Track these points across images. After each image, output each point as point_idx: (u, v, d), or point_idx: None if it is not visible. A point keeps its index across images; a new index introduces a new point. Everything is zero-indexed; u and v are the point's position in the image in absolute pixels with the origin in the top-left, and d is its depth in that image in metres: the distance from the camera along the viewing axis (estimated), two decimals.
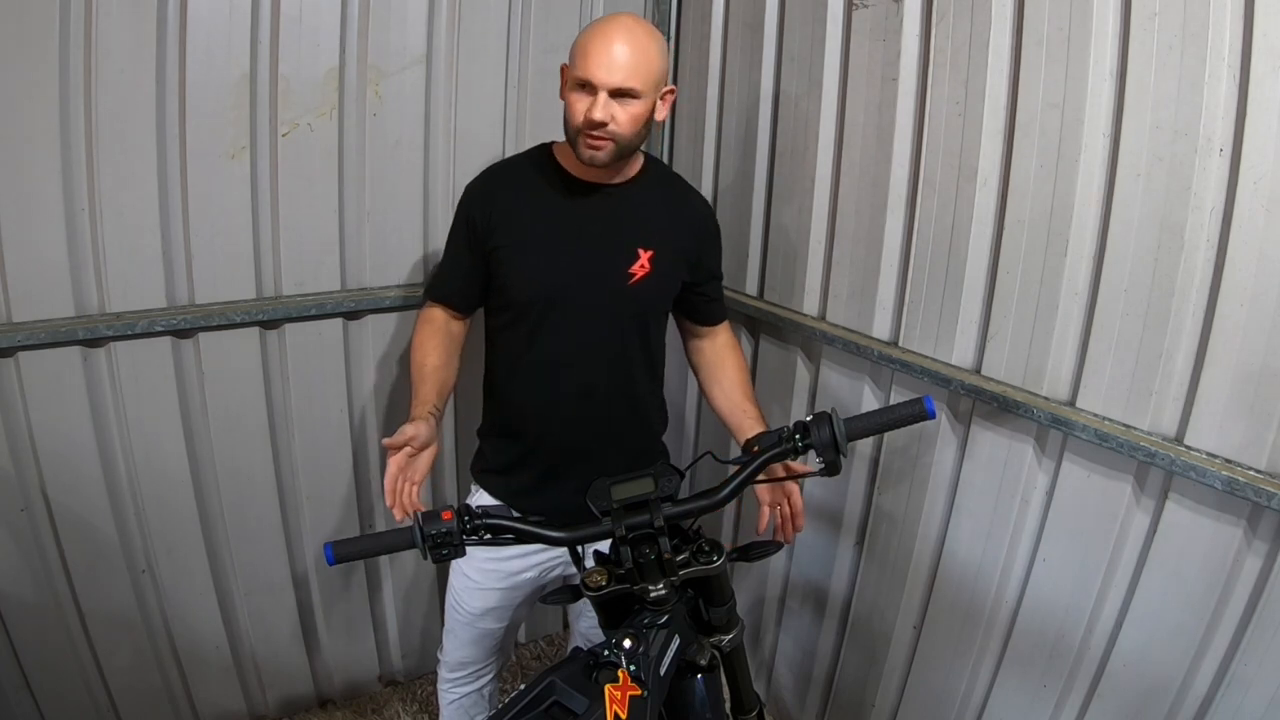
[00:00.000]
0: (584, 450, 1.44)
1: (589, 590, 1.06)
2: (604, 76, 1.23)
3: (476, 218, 1.40)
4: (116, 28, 1.43)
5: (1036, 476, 1.37)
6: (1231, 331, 1.09)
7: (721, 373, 1.56)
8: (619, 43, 1.23)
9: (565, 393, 1.42)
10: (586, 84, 1.24)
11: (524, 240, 1.38)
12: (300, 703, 2.05)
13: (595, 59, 1.23)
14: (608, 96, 1.24)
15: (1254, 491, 1.05)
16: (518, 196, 1.41)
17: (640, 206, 1.42)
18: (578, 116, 1.27)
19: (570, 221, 1.39)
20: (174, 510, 1.71)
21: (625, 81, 1.24)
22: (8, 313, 1.46)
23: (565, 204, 1.39)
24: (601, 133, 1.26)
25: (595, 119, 1.24)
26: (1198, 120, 1.08)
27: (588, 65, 1.24)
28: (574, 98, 1.27)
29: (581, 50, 1.26)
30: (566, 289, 1.38)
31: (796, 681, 1.98)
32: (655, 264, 1.40)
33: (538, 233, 1.39)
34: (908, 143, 1.49)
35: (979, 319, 1.42)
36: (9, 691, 1.62)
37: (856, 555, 1.74)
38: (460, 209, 1.44)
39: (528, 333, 1.41)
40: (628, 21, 1.26)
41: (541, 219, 1.39)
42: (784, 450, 1.08)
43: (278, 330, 1.73)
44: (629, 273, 1.39)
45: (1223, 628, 1.14)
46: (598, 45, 1.24)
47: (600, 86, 1.23)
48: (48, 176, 1.44)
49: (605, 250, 1.39)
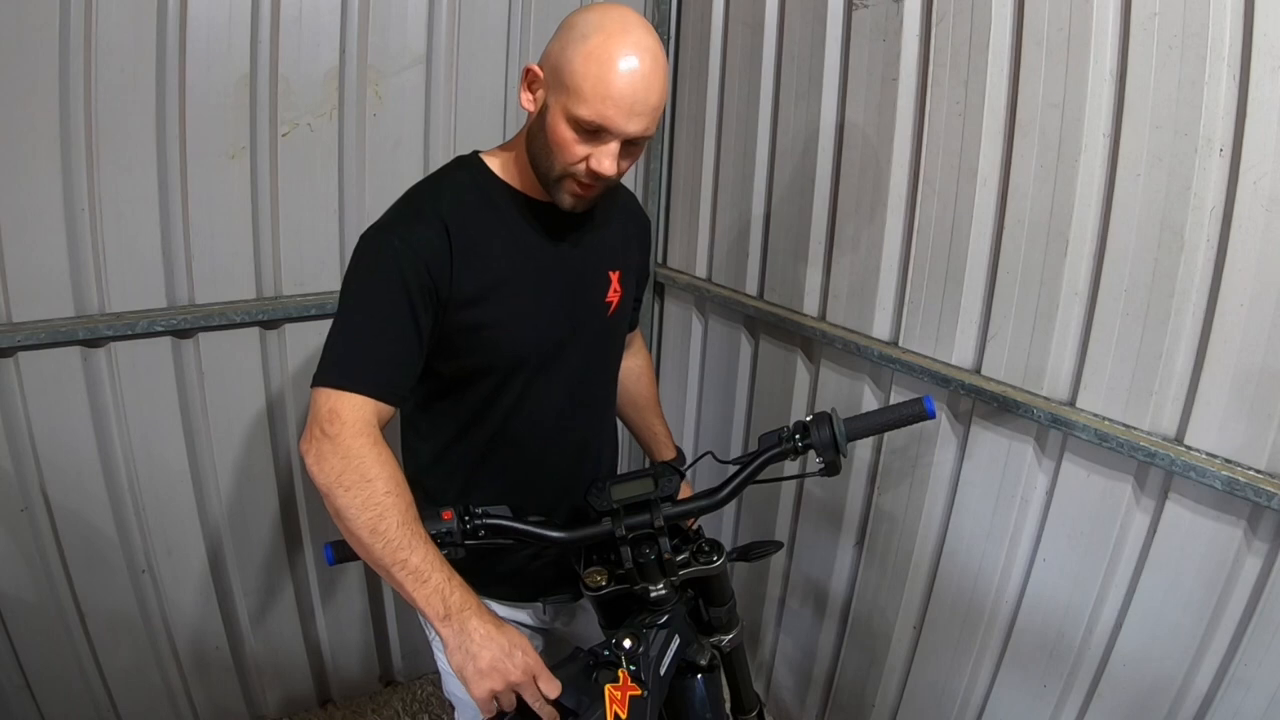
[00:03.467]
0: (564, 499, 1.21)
1: (589, 590, 1.06)
2: (624, 125, 0.95)
3: (428, 267, 1.00)
4: (116, 28, 1.43)
5: (1036, 476, 1.37)
6: (1231, 331, 1.09)
7: (638, 393, 1.46)
8: (647, 81, 0.95)
9: (556, 456, 1.19)
10: (598, 130, 0.96)
11: (500, 289, 1.06)
12: (300, 703, 2.05)
13: (618, 103, 0.94)
14: (621, 144, 0.98)
15: (1254, 491, 1.05)
16: (474, 232, 1.05)
17: (601, 223, 1.18)
18: (574, 162, 0.99)
19: (543, 255, 1.11)
20: (174, 510, 1.71)
21: (647, 130, 0.98)
22: (8, 313, 1.46)
23: (531, 234, 1.10)
24: (599, 184, 1.02)
25: (606, 173, 0.98)
26: (1198, 120, 1.08)
27: (606, 109, 0.94)
28: (570, 137, 0.97)
29: (595, 84, 0.93)
30: (561, 338, 1.13)
31: (796, 681, 1.98)
32: (623, 284, 1.21)
33: (515, 277, 1.08)
34: (908, 143, 1.49)
35: (979, 319, 1.42)
36: (9, 691, 1.62)
37: (856, 555, 1.74)
38: (387, 257, 1.00)
39: (507, 396, 1.12)
40: (648, 42, 0.96)
41: (513, 258, 1.08)
42: (784, 450, 1.08)
43: (278, 330, 1.73)
44: (606, 302, 1.19)
45: (1223, 627, 1.14)
46: (622, 85, 0.93)
47: (618, 137, 0.97)
48: (48, 177, 1.44)
49: (582, 283, 1.16)
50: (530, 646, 0.91)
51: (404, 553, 0.89)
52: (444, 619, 0.88)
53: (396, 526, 0.90)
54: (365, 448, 0.93)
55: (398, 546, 0.89)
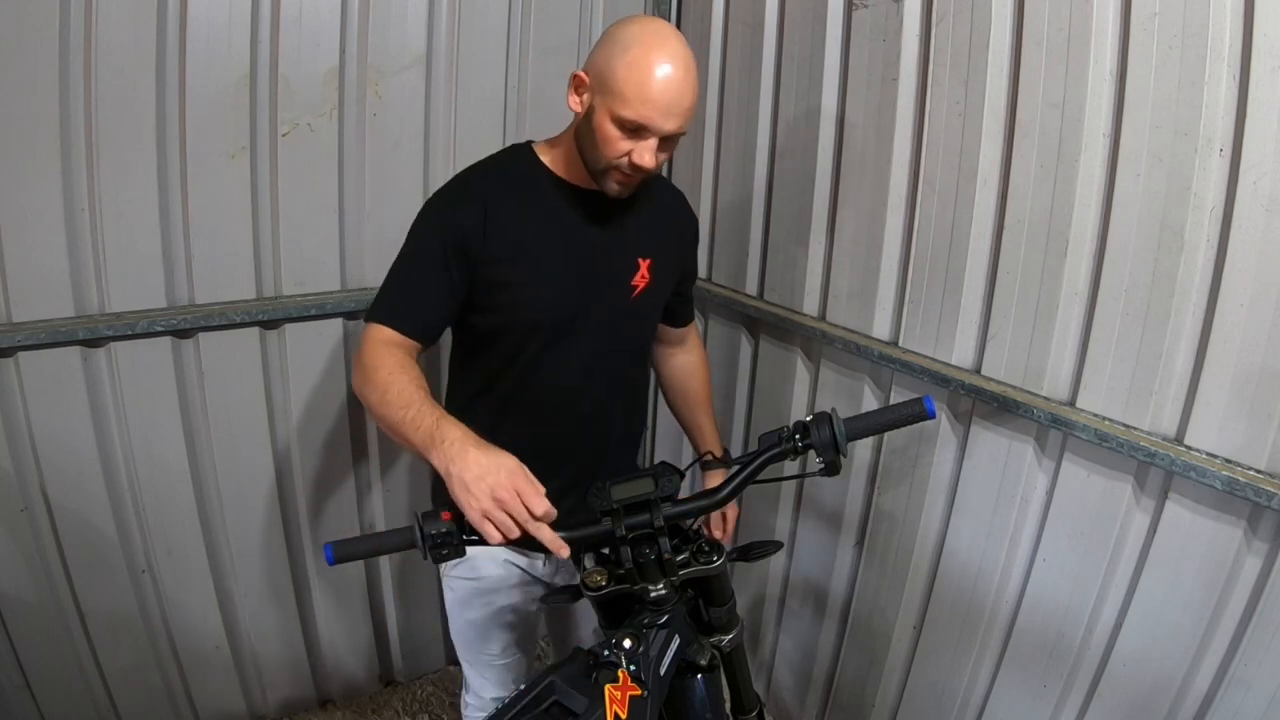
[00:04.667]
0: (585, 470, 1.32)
1: (589, 590, 1.06)
2: (662, 123, 1.10)
3: (463, 229, 1.19)
4: (116, 28, 1.43)
5: (1036, 476, 1.37)
6: (1231, 331, 1.09)
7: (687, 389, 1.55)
8: (681, 86, 1.09)
9: (571, 421, 1.32)
10: (639, 128, 1.10)
11: (526, 254, 1.22)
12: (300, 703, 2.05)
13: (656, 105, 1.08)
14: (659, 139, 1.12)
15: (1254, 491, 1.05)
16: (511, 204, 1.23)
17: (636, 213, 1.31)
18: (618, 156, 1.13)
19: (573, 233, 1.26)
20: (174, 510, 1.71)
21: (682, 127, 1.13)
22: (8, 313, 1.46)
23: (566, 214, 1.25)
24: (641, 173, 1.16)
25: (647, 166, 1.12)
26: (1198, 120, 1.08)
27: (646, 110, 1.08)
28: (615, 134, 1.12)
29: (637, 89, 1.08)
30: (576, 307, 1.26)
31: (796, 681, 1.98)
32: (654, 273, 1.32)
33: (541, 246, 1.23)
34: (908, 143, 1.49)
35: (979, 319, 1.42)
36: (9, 691, 1.62)
37: (856, 555, 1.74)
38: (432, 219, 1.23)
39: (528, 357, 1.27)
40: (676, 46, 1.10)
41: (543, 232, 1.24)
42: (784, 450, 1.08)
43: (278, 330, 1.73)
44: (631, 285, 1.30)
45: (1223, 627, 1.14)
46: (660, 89, 1.08)
47: (656, 134, 1.11)
48: (48, 177, 1.44)
49: (610, 262, 1.29)
50: (521, 467, 0.97)
51: (406, 411, 1.04)
52: (436, 446, 0.98)
53: (398, 393, 1.06)
54: (379, 355, 1.13)
55: (401, 405, 1.04)
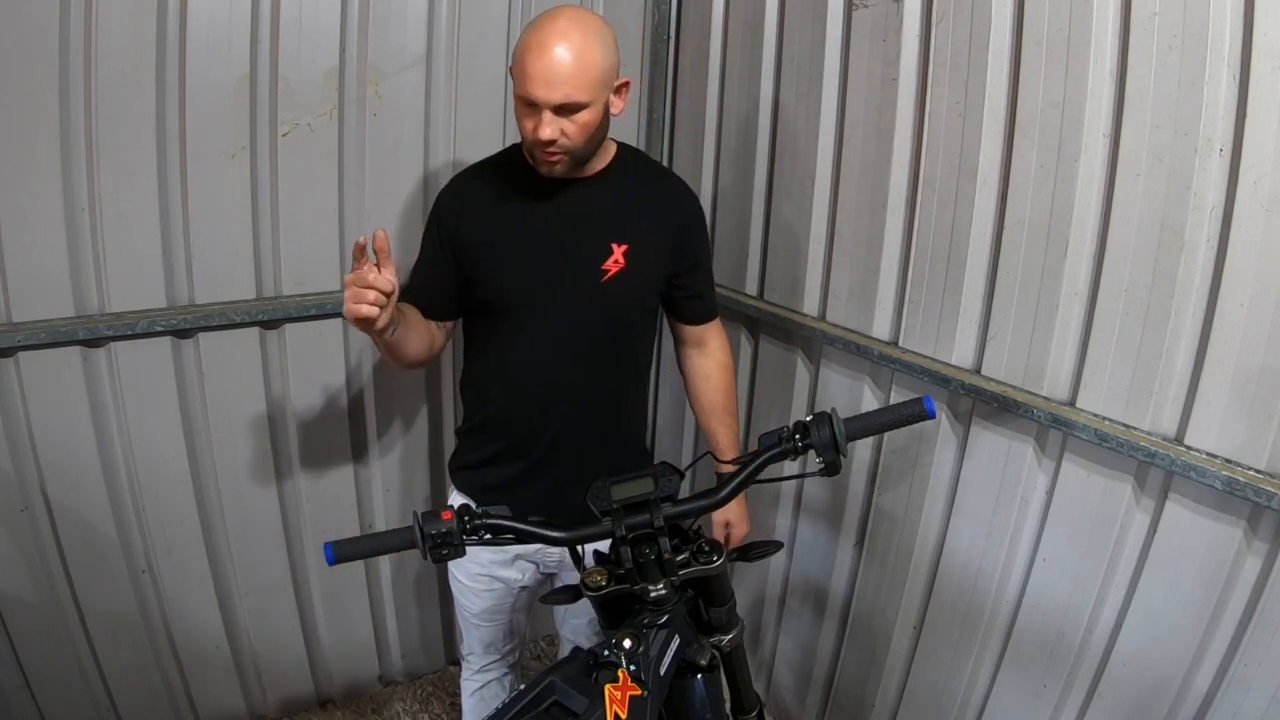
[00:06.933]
0: (559, 449, 1.41)
1: (589, 590, 1.06)
2: (544, 95, 1.17)
3: (446, 217, 1.37)
4: (116, 28, 1.43)
5: (1036, 476, 1.37)
6: (1231, 331, 1.09)
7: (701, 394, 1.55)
8: (555, 56, 1.15)
9: (539, 392, 1.39)
10: (531, 103, 1.19)
11: (492, 239, 1.35)
12: (300, 703, 2.05)
13: (533, 77, 1.16)
14: (552, 113, 1.18)
15: (1254, 491, 1.05)
16: (486, 195, 1.37)
17: (613, 199, 1.37)
18: (529, 133, 1.22)
19: (539, 219, 1.35)
20: (174, 510, 1.71)
21: (568, 97, 1.17)
22: (8, 313, 1.46)
23: (534, 201, 1.34)
24: (554, 149, 1.22)
25: (543, 138, 1.20)
26: (1198, 120, 1.08)
27: (527, 84, 1.18)
28: (521, 112, 1.22)
29: (519, 64, 1.19)
30: (536, 287, 1.35)
31: (796, 681, 1.98)
32: (630, 259, 1.35)
33: (506, 231, 1.35)
34: (908, 143, 1.49)
35: (979, 319, 1.42)
36: (9, 691, 1.62)
37: (856, 555, 1.74)
38: (432, 211, 1.42)
39: (503, 332, 1.38)
40: (562, 25, 1.17)
41: (510, 217, 1.35)
42: (784, 450, 1.08)
43: (278, 330, 1.73)
44: (601, 269, 1.34)
45: (1223, 627, 1.14)
46: (534, 61, 1.16)
47: (543, 106, 1.18)
48: (48, 177, 1.44)
49: (575, 247, 1.35)
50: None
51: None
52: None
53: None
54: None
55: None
